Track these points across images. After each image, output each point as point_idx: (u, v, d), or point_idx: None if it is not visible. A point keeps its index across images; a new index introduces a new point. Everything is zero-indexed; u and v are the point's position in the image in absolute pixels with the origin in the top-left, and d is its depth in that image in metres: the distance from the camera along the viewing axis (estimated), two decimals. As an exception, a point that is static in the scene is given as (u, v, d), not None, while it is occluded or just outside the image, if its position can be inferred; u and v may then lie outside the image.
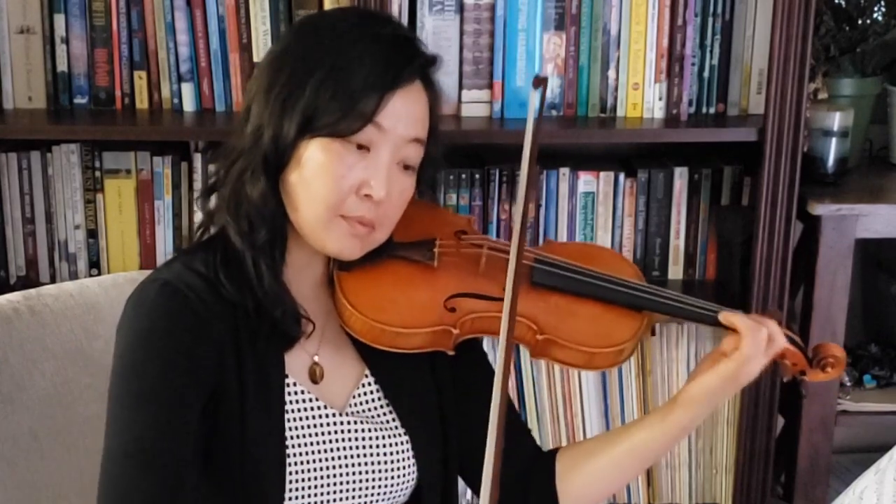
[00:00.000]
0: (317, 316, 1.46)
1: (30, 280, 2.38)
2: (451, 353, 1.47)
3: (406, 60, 1.39)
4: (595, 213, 2.42)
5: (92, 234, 2.39)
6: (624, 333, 1.49)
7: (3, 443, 1.56)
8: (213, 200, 1.47)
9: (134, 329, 1.37)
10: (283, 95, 1.37)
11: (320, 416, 1.44)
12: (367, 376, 1.49)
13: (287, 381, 1.43)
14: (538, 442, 1.64)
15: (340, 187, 1.37)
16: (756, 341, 1.42)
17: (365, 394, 1.49)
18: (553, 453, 1.58)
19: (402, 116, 1.38)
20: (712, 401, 1.47)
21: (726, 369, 1.43)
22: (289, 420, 1.42)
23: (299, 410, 1.43)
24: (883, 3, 2.53)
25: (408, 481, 1.48)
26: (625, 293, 1.51)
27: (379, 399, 1.49)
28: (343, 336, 1.48)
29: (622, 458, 1.51)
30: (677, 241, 2.46)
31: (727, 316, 1.47)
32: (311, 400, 1.44)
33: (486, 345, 1.67)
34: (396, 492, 1.48)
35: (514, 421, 1.60)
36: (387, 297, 1.45)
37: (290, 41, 1.44)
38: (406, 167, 1.42)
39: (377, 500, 1.47)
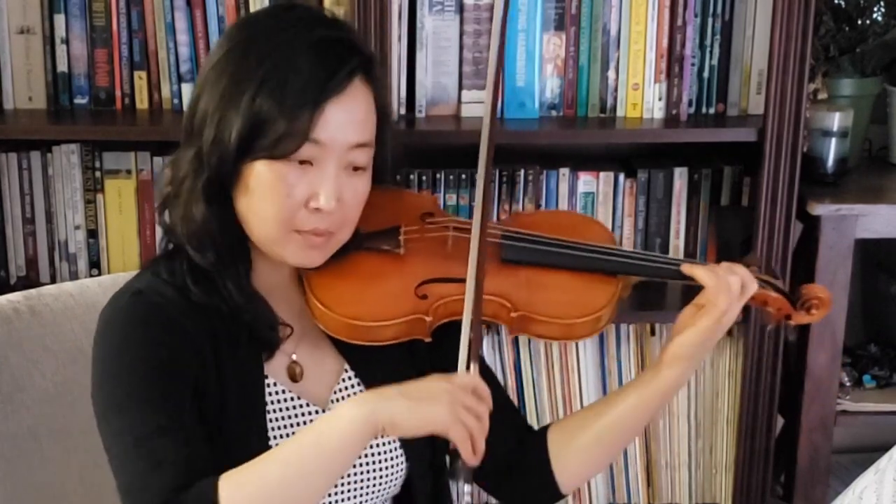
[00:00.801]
0: (290, 315, 1.45)
1: (30, 280, 2.38)
2: (427, 340, 1.46)
3: (338, 66, 1.35)
4: (595, 213, 2.42)
5: (92, 234, 2.39)
6: (599, 300, 1.48)
7: (3, 443, 1.56)
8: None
9: (110, 340, 1.37)
10: (219, 114, 1.35)
11: (303, 414, 1.44)
12: (346, 371, 1.49)
13: (267, 381, 1.43)
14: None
15: (288, 205, 1.36)
16: (726, 291, 1.42)
17: (346, 388, 1.49)
18: (545, 430, 1.57)
19: (342, 124, 1.35)
20: (697, 355, 1.47)
21: (705, 324, 1.43)
22: (271, 420, 1.42)
23: (281, 409, 1.43)
24: (883, 3, 2.53)
25: (397, 473, 1.49)
26: (595, 259, 1.50)
27: (360, 393, 1.48)
28: (319, 332, 1.47)
29: (615, 425, 1.50)
30: (677, 241, 2.46)
31: (688, 267, 1.47)
32: (292, 398, 1.44)
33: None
34: (386, 484, 1.48)
35: (504, 400, 1.59)
36: (357, 292, 1.45)
37: (226, 48, 1.40)
38: (356, 169, 1.40)
39: (366, 494, 1.47)
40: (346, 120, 1.36)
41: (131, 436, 1.31)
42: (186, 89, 2.33)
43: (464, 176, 2.37)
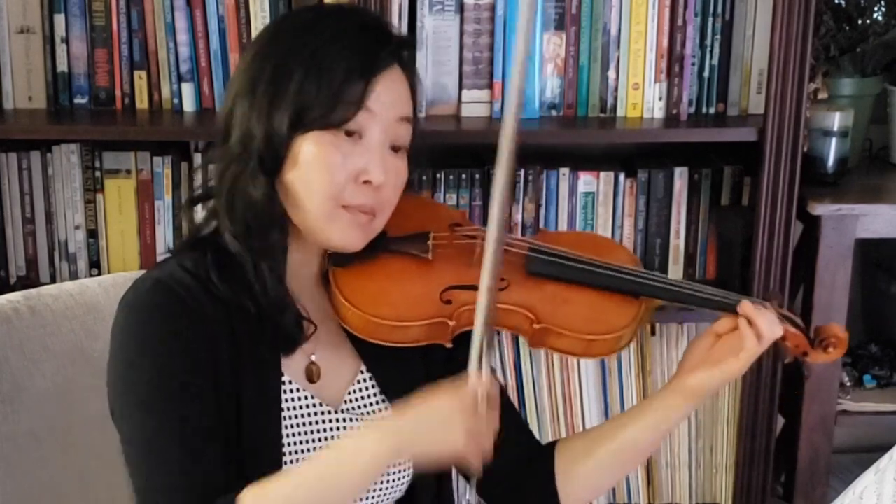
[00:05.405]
0: (313, 315, 1.46)
1: (30, 280, 2.38)
2: (448, 345, 1.47)
3: (381, 45, 1.41)
4: (595, 213, 2.42)
5: (92, 234, 2.39)
6: (621, 320, 1.49)
7: (3, 443, 1.56)
8: (198, 210, 1.47)
9: (129, 330, 1.37)
10: (269, 96, 1.38)
11: (316, 415, 1.45)
12: (363, 372, 1.50)
13: (283, 380, 1.43)
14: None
15: (338, 177, 1.38)
16: (768, 339, 1.44)
17: (361, 390, 1.49)
18: (551, 447, 1.57)
19: (390, 96, 1.40)
20: (713, 392, 1.49)
21: (736, 368, 1.44)
22: (285, 419, 1.42)
23: (296, 409, 1.43)
24: (883, 3, 2.53)
25: (402, 477, 1.49)
26: (620, 279, 1.50)
27: (375, 395, 1.49)
28: (339, 333, 1.48)
29: (622, 450, 1.51)
30: (677, 241, 2.46)
31: (745, 308, 1.46)
32: (307, 398, 1.44)
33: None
34: (391, 487, 1.49)
35: (512, 415, 1.59)
36: (383, 292, 1.46)
37: (264, 44, 1.44)
38: (397, 149, 1.43)
39: (372, 496, 1.47)
40: (393, 93, 1.41)
41: (151, 438, 1.33)
42: (186, 89, 2.33)
43: (464, 176, 2.37)
